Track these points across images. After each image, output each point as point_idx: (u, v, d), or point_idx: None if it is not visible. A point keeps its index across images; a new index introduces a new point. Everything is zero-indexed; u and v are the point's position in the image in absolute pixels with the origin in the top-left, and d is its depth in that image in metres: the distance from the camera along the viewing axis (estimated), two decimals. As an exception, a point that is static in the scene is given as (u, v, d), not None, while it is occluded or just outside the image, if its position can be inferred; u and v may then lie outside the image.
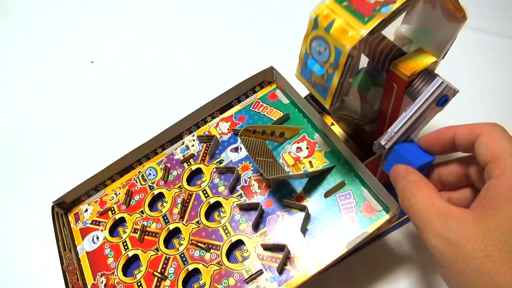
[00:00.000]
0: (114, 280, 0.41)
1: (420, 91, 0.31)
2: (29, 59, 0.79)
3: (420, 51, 0.33)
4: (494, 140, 0.26)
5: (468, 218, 0.24)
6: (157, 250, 0.41)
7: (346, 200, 0.39)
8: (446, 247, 0.24)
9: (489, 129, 0.27)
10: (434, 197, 0.26)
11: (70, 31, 0.83)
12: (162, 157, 0.48)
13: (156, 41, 0.78)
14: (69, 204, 0.47)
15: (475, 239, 0.23)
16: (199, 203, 0.43)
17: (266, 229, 0.39)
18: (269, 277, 0.37)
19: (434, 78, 0.29)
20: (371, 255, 0.46)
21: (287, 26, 0.74)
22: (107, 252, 0.43)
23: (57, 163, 0.48)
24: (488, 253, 0.22)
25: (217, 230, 0.41)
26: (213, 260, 0.39)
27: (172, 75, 0.71)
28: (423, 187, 0.27)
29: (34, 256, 0.52)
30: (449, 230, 0.24)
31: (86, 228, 0.45)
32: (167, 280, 0.39)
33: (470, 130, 0.28)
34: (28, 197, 0.58)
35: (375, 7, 0.28)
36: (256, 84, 0.49)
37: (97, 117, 0.68)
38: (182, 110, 0.47)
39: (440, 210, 0.25)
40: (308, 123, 0.45)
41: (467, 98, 0.58)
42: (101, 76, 0.74)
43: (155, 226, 0.43)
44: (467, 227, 0.23)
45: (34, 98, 0.72)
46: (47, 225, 0.44)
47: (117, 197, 0.46)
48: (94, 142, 0.64)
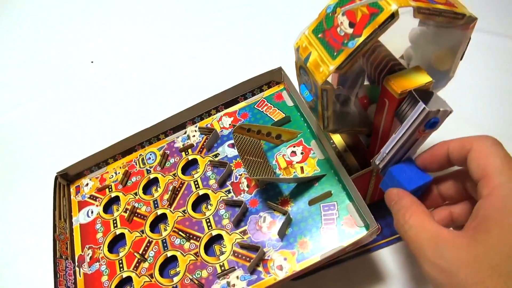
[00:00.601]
0: (99, 255, 0.43)
1: (406, 114, 0.30)
2: (29, 59, 0.80)
3: (416, 69, 0.31)
4: (485, 155, 0.25)
5: (459, 242, 0.23)
6: (142, 232, 0.43)
7: (329, 211, 0.38)
8: (439, 275, 0.23)
9: (480, 143, 0.26)
10: (426, 221, 0.26)
11: (70, 31, 0.84)
12: (164, 143, 0.49)
13: (157, 41, 0.78)
14: (73, 177, 0.49)
15: (467, 266, 0.22)
16: (189, 193, 0.44)
17: (246, 228, 0.40)
18: (240, 275, 0.37)
19: (418, 102, 0.28)
20: (367, 259, 0.45)
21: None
22: (98, 227, 0.45)
23: (57, 163, 0.49)
24: (481, 279, 0.22)
25: (200, 221, 0.41)
26: (191, 250, 0.40)
27: (173, 75, 0.71)
28: (415, 212, 0.27)
29: (34, 256, 0.53)
30: (441, 257, 0.23)
31: (84, 201, 0.48)
32: (146, 263, 0.40)
33: (461, 146, 0.27)
34: (28, 197, 0.59)
35: (343, 41, 0.28)
36: (264, 83, 0.49)
37: (97, 117, 0.68)
38: (189, 101, 0.48)
39: (432, 235, 0.25)
40: (307, 128, 0.44)
41: (467, 98, 0.57)
42: (101, 76, 0.74)
43: (145, 209, 0.44)
44: (459, 253, 0.23)
45: (34, 98, 0.73)
46: (47, 225, 0.45)
47: (116, 176, 0.48)
48: (94, 143, 0.64)
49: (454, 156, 0.28)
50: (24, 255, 0.53)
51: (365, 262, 0.45)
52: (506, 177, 0.24)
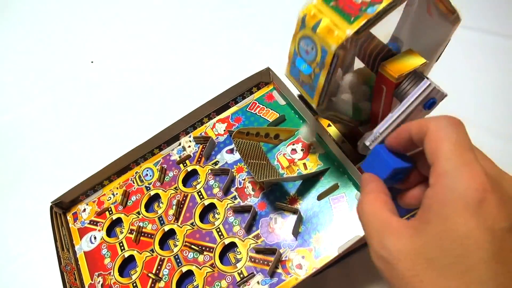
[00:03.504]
0: (111, 281, 0.41)
1: (407, 92, 0.30)
2: (29, 59, 0.80)
3: (409, 52, 0.32)
4: (436, 139, 0.23)
5: (404, 233, 0.22)
6: (152, 251, 0.42)
7: (339, 203, 0.39)
8: (382, 265, 0.23)
9: (435, 125, 0.23)
10: (379, 209, 0.25)
11: (70, 31, 0.84)
12: (159, 157, 0.48)
13: (155, 42, 0.78)
14: (68, 204, 0.48)
15: (405, 258, 0.22)
16: (194, 205, 0.43)
17: (259, 232, 0.39)
18: (260, 280, 0.37)
19: (422, 79, 0.29)
20: (369, 256, 0.46)
21: (284, 27, 0.73)
22: (104, 252, 0.43)
23: (56, 163, 0.48)
24: (416, 272, 0.21)
25: (210, 232, 0.41)
26: (207, 262, 0.39)
27: (170, 76, 0.71)
28: (371, 199, 0.26)
29: (34, 256, 0.53)
30: (383, 247, 0.23)
31: (84, 228, 0.46)
32: (162, 282, 0.40)
33: (419, 127, 0.25)
34: (28, 197, 0.59)
35: (361, 8, 0.28)
36: (253, 85, 0.49)
37: (96, 117, 0.68)
38: (180, 110, 0.47)
39: (381, 223, 0.24)
40: (304, 125, 0.44)
41: (467, 98, 0.57)
42: (101, 76, 0.74)
43: (151, 227, 0.43)
44: (400, 245, 0.22)
45: (34, 98, 0.73)
46: (47, 225, 0.45)
47: (115, 197, 0.47)
48: (93, 141, 0.64)
49: (415, 138, 0.26)
50: (24, 255, 0.54)
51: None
52: (452, 164, 0.22)
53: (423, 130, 0.24)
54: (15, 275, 0.53)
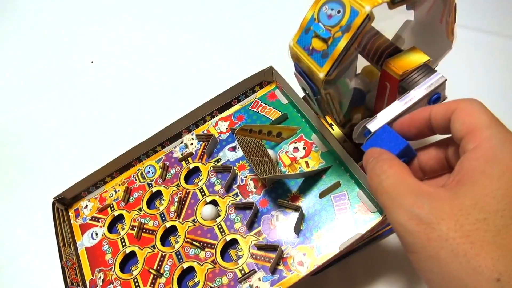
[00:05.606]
0: (112, 276, 0.41)
1: (417, 82, 0.30)
2: (29, 59, 0.80)
3: (413, 50, 0.32)
4: (470, 113, 0.23)
5: (442, 195, 0.21)
6: (154, 248, 0.42)
7: (340, 200, 0.39)
8: (417, 226, 0.21)
9: (466, 103, 0.24)
10: (406, 174, 0.24)
11: (70, 31, 0.84)
12: (161, 155, 0.48)
13: (156, 41, 0.78)
14: (70, 200, 0.48)
15: (450, 217, 0.20)
16: (196, 202, 0.43)
17: (261, 229, 0.39)
18: (262, 277, 0.37)
19: (434, 72, 0.29)
20: (369, 256, 0.46)
21: (287, 26, 0.73)
22: (106, 248, 0.43)
23: (58, 163, 0.48)
24: (465, 233, 0.19)
25: (212, 229, 0.41)
26: (208, 258, 0.39)
27: (172, 74, 0.71)
28: (395, 164, 0.25)
29: (35, 254, 0.53)
30: (420, 206, 0.21)
31: (86, 224, 0.46)
32: (163, 278, 0.40)
33: (446, 107, 0.25)
34: (29, 196, 0.59)
35: None
36: (256, 84, 0.49)
37: (97, 116, 0.68)
38: (182, 108, 0.47)
39: (411, 187, 0.22)
40: (306, 123, 0.45)
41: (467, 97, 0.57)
42: (101, 76, 0.74)
43: (152, 224, 0.43)
44: (441, 204, 0.21)
45: (34, 98, 0.73)
46: (48, 223, 0.45)
47: (116, 194, 0.47)
48: (95, 141, 0.65)
49: (437, 119, 0.26)
50: (24, 254, 0.54)
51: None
52: (494, 130, 0.22)
53: (451, 108, 0.24)
54: (17, 270, 0.53)
